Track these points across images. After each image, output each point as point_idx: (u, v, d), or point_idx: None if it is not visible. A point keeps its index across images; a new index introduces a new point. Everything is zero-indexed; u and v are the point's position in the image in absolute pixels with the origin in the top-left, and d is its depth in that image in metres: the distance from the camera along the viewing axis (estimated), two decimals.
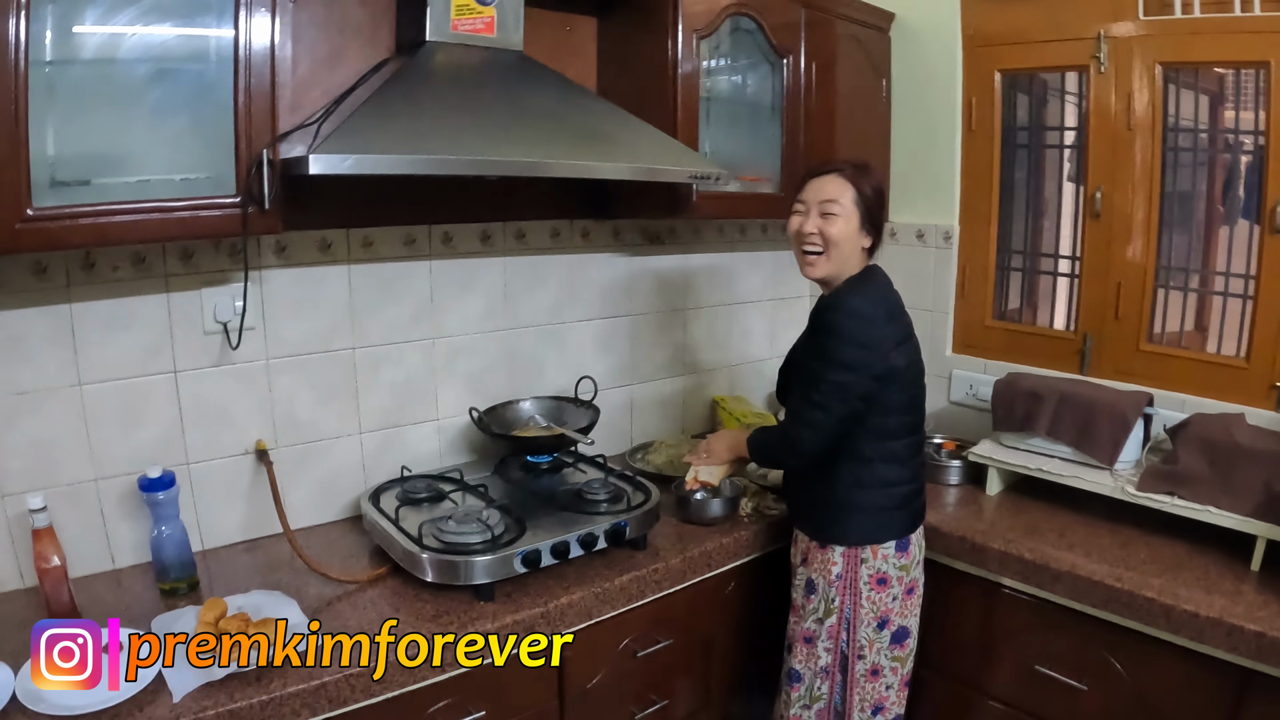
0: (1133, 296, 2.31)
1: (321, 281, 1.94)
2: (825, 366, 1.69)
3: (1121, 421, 2.10)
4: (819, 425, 1.71)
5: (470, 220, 2.15)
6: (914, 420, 1.81)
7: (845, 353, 1.68)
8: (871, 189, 1.75)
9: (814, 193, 1.76)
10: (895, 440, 1.78)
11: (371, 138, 1.54)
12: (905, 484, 1.81)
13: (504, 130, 1.73)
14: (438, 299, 2.13)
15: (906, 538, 1.81)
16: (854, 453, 1.76)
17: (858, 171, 1.76)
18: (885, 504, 1.78)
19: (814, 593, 1.83)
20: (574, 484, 2.00)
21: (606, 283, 2.45)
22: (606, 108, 1.99)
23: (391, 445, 2.11)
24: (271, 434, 1.91)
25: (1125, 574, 1.81)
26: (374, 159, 1.49)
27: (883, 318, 1.72)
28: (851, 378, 1.68)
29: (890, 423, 1.76)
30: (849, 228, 1.74)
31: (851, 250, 1.76)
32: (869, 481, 1.77)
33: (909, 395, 1.78)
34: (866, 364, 1.68)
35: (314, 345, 1.95)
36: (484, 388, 2.24)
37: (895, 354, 1.72)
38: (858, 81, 2.55)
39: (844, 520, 1.79)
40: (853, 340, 1.68)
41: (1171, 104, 2.23)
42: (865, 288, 1.74)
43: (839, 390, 1.68)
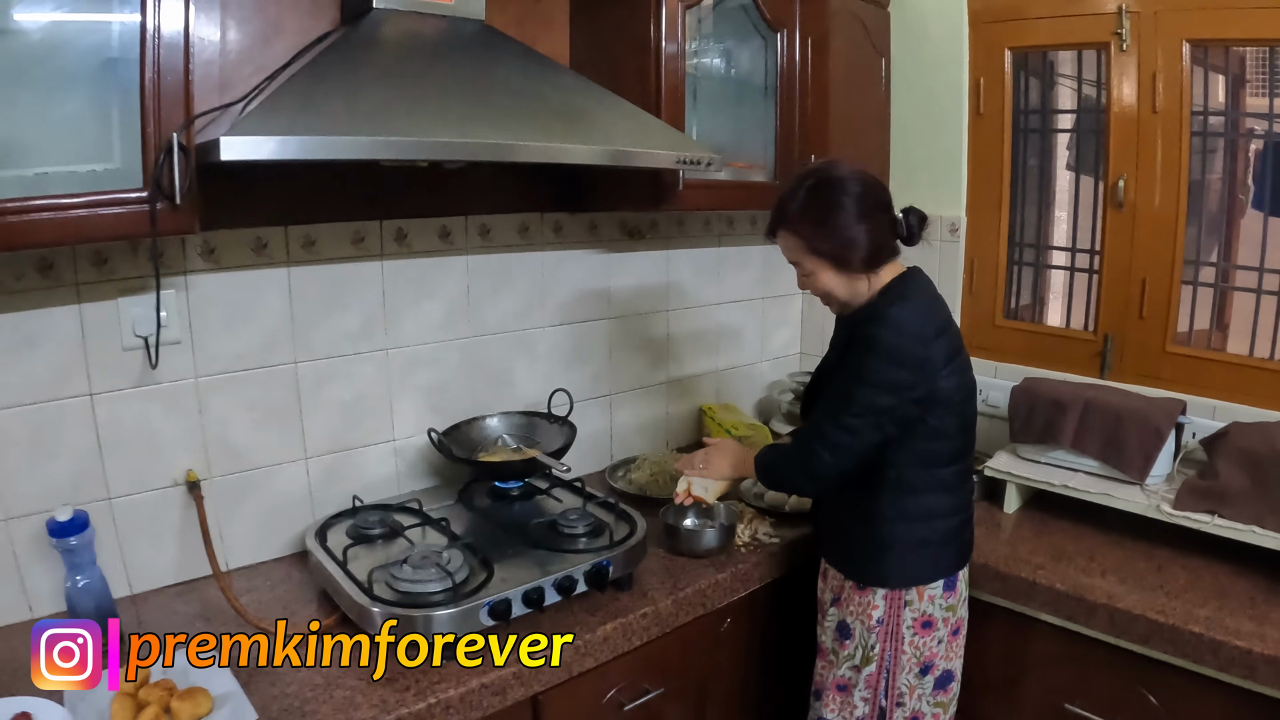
0: (1158, 294, 2.14)
1: (257, 287, 1.73)
2: (859, 385, 1.48)
3: (1154, 433, 1.94)
4: (843, 449, 1.51)
5: (427, 215, 1.93)
6: (964, 444, 1.60)
7: (885, 373, 1.47)
8: (811, 219, 1.52)
9: (781, 253, 1.61)
10: (944, 467, 1.57)
11: (298, 117, 1.30)
12: (954, 515, 1.61)
13: (462, 109, 1.50)
14: (391, 304, 1.91)
15: (954, 575, 1.62)
16: (898, 482, 1.55)
17: (780, 215, 1.55)
18: (932, 539, 1.58)
19: (849, 637, 1.62)
20: (548, 513, 1.78)
21: (582, 283, 2.25)
22: (581, 84, 1.77)
23: (342, 471, 1.90)
24: (204, 462, 1.70)
25: (1168, 605, 1.66)
26: (299, 142, 1.24)
27: (931, 333, 1.50)
28: (889, 401, 1.47)
29: (938, 448, 1.55)
30: (825, 276, 1.55)
31: (846, 286, 1.56)
32: (914, 514, 1.57)
33: (959, 418, 1.56)
34: (908, 386, 1.47)
35: (250, 360, 1.74)
36: (445, 403, 2.02)
37: (944, 375, 1.50)
38: (856, 61, 2.35)
39: (887, 559, 1.58)
40: (895, 358, 1.46)
41: (1198, 86, 2.06)
42: (909, 295, 1.53)
43: (872, 413, 1.48)
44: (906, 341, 1.46)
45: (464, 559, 1.55)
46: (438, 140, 1.41)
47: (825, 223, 1.51)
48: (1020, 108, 2.37)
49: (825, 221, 1.51)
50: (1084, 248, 2.32)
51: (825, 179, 1.52)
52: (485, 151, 1.46)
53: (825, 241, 1.51)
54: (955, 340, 1.55)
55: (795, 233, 1.54)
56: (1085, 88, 2.34)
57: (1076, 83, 2.31)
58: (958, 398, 1.53)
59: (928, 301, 1.54)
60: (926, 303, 1.53)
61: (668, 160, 1.68)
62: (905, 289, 1.54)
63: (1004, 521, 2.06)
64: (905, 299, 1.51)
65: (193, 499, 1.66)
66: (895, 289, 1.54)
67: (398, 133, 1.36)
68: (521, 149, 1.49)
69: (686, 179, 1.93)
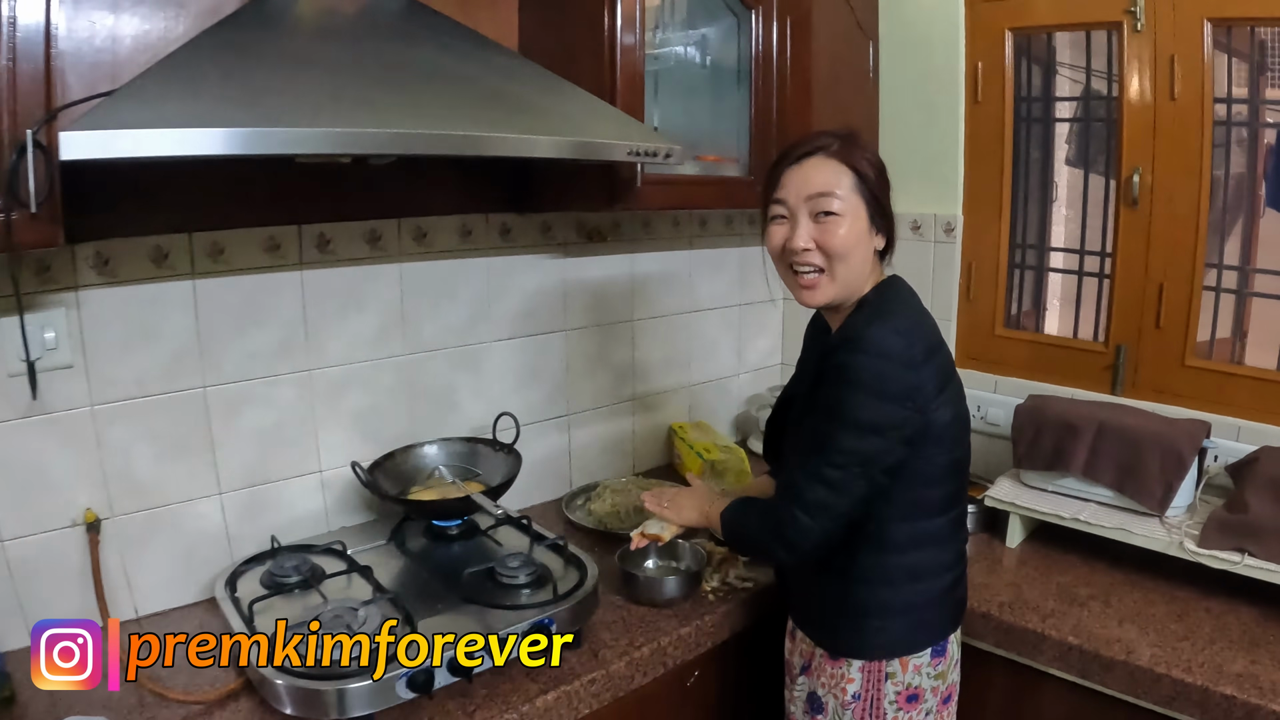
0: (1177, 301, 1.95)
1: (158, 303, 1.55)
2: (840, 428, 1.25)
3: (1176, 459, 1.75)
4: (827, 510, 1.28)
5: (353, 218, 1.74)
6: (957, 488, 1.39)
7: (869, 409, 1.24)
8: (871, 165, 1.32)
9: (796, 187, 1.32)
10: (934, 518, 1.36)
11: (169, 106, 1.09)
12: (946, 572, 1.40)
13: (382, 95, 1.29)
14: (314, 319, 1.73)
15: (945, 640, 1.41)
16: (880, 539, 1.34)
17: (847, 144, 1.32)
18: (919, 601, 1.37)
19: (821, 712, 1.42)
20: (488, 558, 1.58)
21: (534, 291, 2.05)
22: (522, 67, 1.57)
23: (262, 507, 1.72)
24: (105, 500, 1.53)
25: (1194, 659, 1.48)
26: (167, 136, 1.04)
27: (920, 356, 1.27)
28: (877, 444, 1.25)
29: (928, 496, 1.34)
30: (856, 229, 1.31)
31: (863, 260, 1.33)
32: (899, 576, 1.36)
33: (952, 456, 1.35)
34: (898, 424, 1.25)
35: (153, 385, 1.57)
36: (378, 430, 1.83)
37: (937, 405, 1.29)
38: (840, 43, 2.17)
39: (866, 629, 1.37)
40: (881, 391, 1.24)
41: (1220, 71, 1.88)
42: (893, 313, 1.30)
43: (859, 461, 1.25)
44: (892, 368, 1.24)
45: (384, 618, 1.35)
46: (349, 131, 1.19)
47: (879, 172, 1.34)
48: (1022, 95, 2.18)
49: (879, 171, 1.34)
50: (1093, 249, 2.12)
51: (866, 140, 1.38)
52: (405, 143, 1.24)
53: (877, 186, 1.33)
54: (947, 364, 1.34)
55: (846, 162, 1.31)
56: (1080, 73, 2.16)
57: (1085, 67, 2.12)
58: (951, 434, 1.33)
59: (913, 318, 1.32)
60: (912, 319, 1.32)
61: (619, 152, 1.48)
62: (884, 303, 1.33)
63: (1005, 558, 1.87)
64: (885, 315, 1.29)
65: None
66: (872, 304, 1.33)
67: (302, 122, 1.15)
68: (448, 140, 1.28)
69: (645, 174, 1.73)
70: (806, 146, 1.33)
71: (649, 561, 1.73)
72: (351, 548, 1.64)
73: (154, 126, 1.03)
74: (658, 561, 1.73)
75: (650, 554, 1.73)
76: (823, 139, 1.33)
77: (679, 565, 1.72)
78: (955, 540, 1.42)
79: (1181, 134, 1.90)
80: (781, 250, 1.35)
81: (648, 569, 1.71)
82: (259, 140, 1.10)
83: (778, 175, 1.35)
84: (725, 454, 2.14)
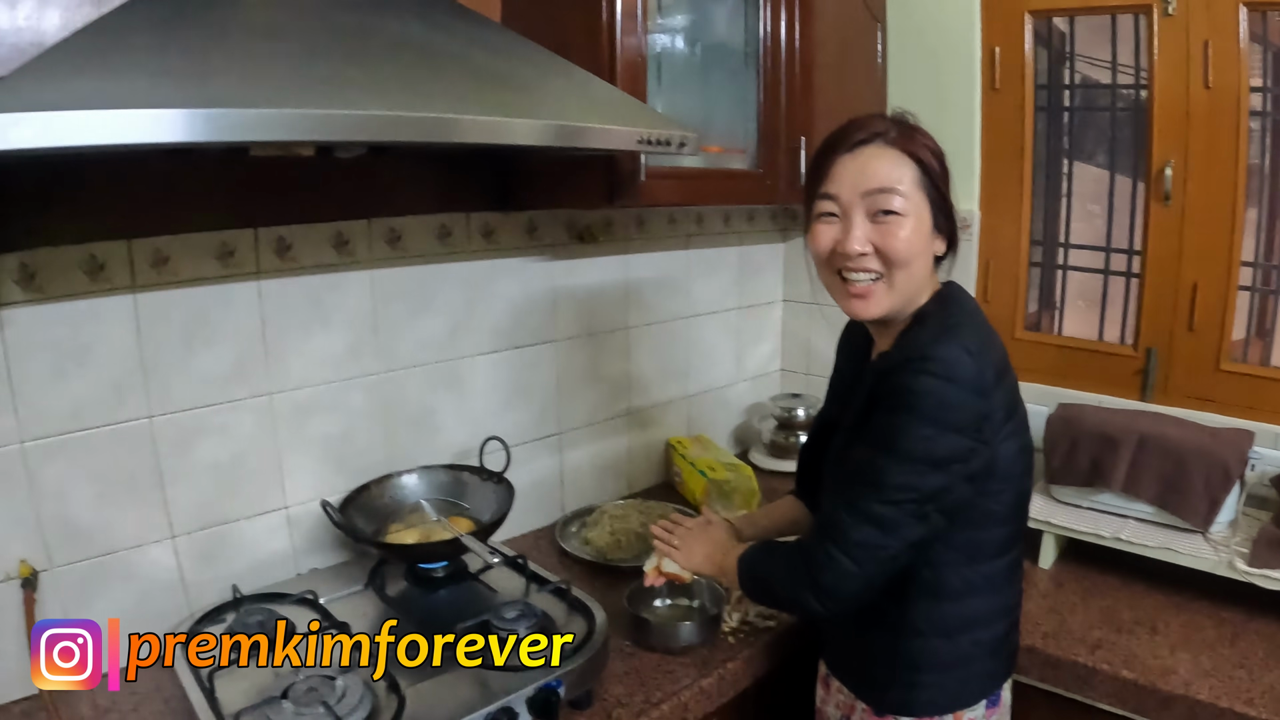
0: (1212, 301, 1.86)
1: (95, 321, 1.39)
2: (895, 459, 1.09)
3: (1221, 473, 1.66)
4: (873, 552, 1.12)
5: (317, 219, 1.57)
6: (1018, 528, 1.26)
7: (931, 441, 1.08)
8: (935, 155, 1.17)
9: (851, 180, 1.16)
10: (992, 560, 1.22)
11: (80, 85, 0.88)
12: (1001, 618, 1.27)
13: (352, 73, 1.11)
14: (274, 336, 1.56)
15: (999, 689, 1.29)
16: (933, 587, 1.20)
17: (908, 130, 1.17)
18: (976, 653, 1.24)
19: None
20: (481, 607, 1.41)
21: (520, 299, 1.90)
22: (517, 44, 1.40)
23: (222, 550, 1.55)
24: (41, 549, 1.38)
25: (1254, 689, 1.40)
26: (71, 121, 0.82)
27: (992, 380, 1.12)
28: (938, 481, 1.10)
29: (987, 537, 1.20)
30: (921, 232, 1.16)
31: (925, 268, 1.19)
32: (956, 626, 1.22)
33: (1016, 492, 1.21)
34: (963, 457, 1.10)
35: (91, 416, 1.40)
36: (350, 459, 1.67)
37: (1004, 436, 1.15)
38: (846, 27, 2.03)
39: (917, 683, 1.24)
40: (946, 420, 1.08)
41: (1256, 58, 1.80)
42: (961, 327, 1.14)
43: (914, 499, 1.10)
44: (961, 394, 1.08)
45: (364, 687, 1.18)
46: (314, 113, 0.98)
47: (944, 165, 1.19)
48: (1057, 81, 2.08)
49: (944, 164, 1.19)
50: (1120, 247, 2.02)
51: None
52: (376, 129, 1.04)
53: (942, 182, 1.18)
54: (1015, 388, 1.20)
55: (910, 153, 1.15)
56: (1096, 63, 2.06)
57: (1111, 55, 2.00)
58: (1017, 468, 1.19)
59: (983, 335, 1.17)
60: (982, 337, 1.16)
61: (625, 139, 1.31)
62: (949, 315, 1.17)
63: (1040, 580, 1.76)
64: (954, 332, 1.12)
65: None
66: (934, 316, 1.17)
67: (256, 103, 0.95)
68: (431, 124, 1.08)
69: (649, 166, 1.58)
70: (862, 132, 1.16)
71: (659, 600, 1.58)
72: (325, 596, 1.48)
73: (63, 109, 0.82)
74: (669, 601, 1.58)
75: (661, 592, 1.58)
76: (879, 123, 1.17)
77: (693, 603, 1.57)
78: (1013, 583, 1.29)
79: (1216, 125, 1.80)
80: (830, 254, 1.19)
81: (658, 609, 1.56)
82: (202, 125, 0.89)
83: (827, 165, 1.18)
84: (731, 473, 2.00)
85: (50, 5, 1.16)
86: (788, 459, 2.30)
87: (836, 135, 1.19)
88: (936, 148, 1.18)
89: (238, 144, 1.06)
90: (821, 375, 2.46)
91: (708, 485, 1.96)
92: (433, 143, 1.14)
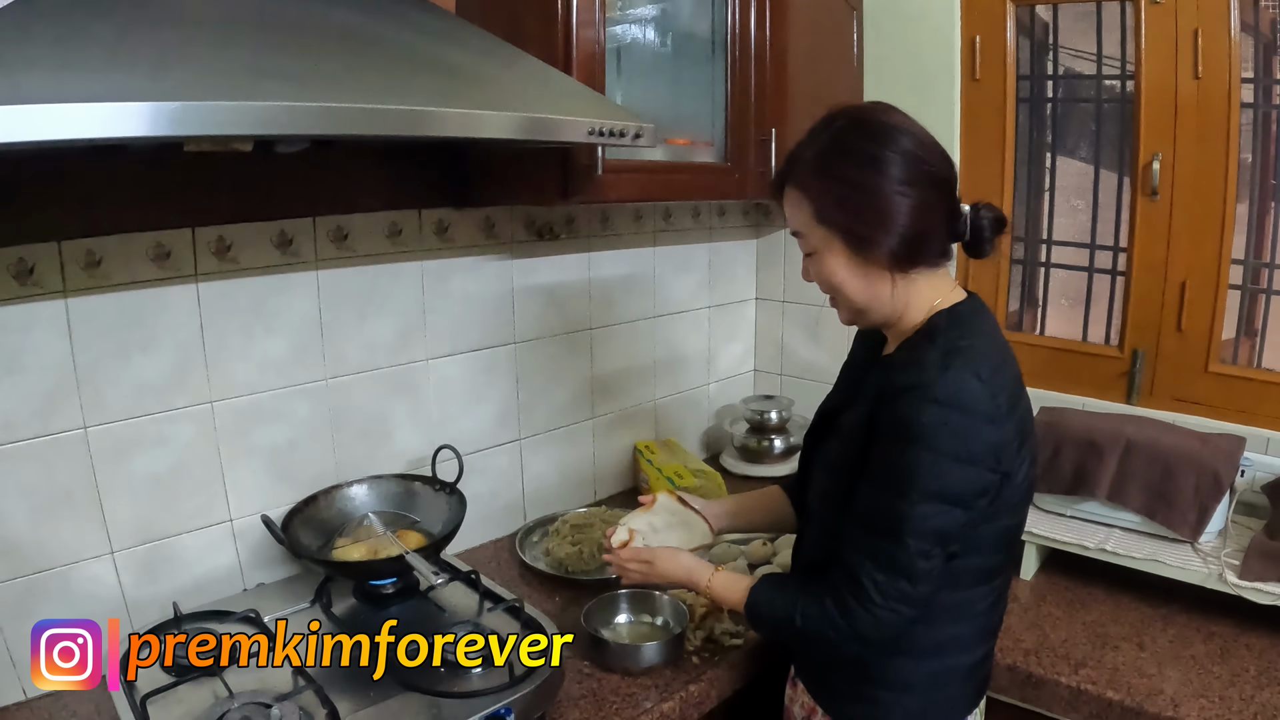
0: (1202, 301, 1.84)
1: (24, 328, 1.35)
2: (914, 502, 1.06)
3: (1212, 481, 1.63)
4: (909, 600, 1.11)
5: (258, 217, 1.53)
6: (1009, 556, 1.24)
7: (950, 477, 1.06)
8: (830, 181, 1.12)
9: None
10: (977, 587, 1.20)
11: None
12: (980, 644, 1.25)
13: (292, 62, 1.07)
14: (214, 341, 1.52)
15: (968, 716, 1.27)
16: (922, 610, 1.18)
17: (796, 158, 1.16)
18: (945, 678, 1.23)
19: None
20: (431, 627, 1.36)
21: (477, 299, 1.86)
22: (466, 32, 1.37)
23: (164, 565, 1.52)
24: None
25: (1245, 711, 1.37)
26: None
27: (1006, 406, 1.09)
28: (959, 517, 1.08)
29: (977, 564, 1.17)
30: (831, 265, 1.15)
31: (867, 290, 1.15)
32: (925, 648, 1.20)
33: (1013, 523, 1.19)
34: (981, 490, 1.08)
35: (22, 428, 1.37)
36: (296, 468, 1.63)
37: (1017, 463, 1.12)
38: (821, 14, 2.01)
39: (877, 700, 1.22)
40: (958, 454, 1.05)
41: (1247, 48, 1.77)
42: (973, 351, 1.10)
43: (937, 540, 1.08)
44: (974, 424, 1.05)
45: (300, 713, 1.14)
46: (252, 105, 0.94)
47: (848, 180, 1.11)
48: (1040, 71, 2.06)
49: (848, 179, 1.11)
50: (1104, 244, 1.99)
51: (864, 121, 1.13)
52: (310, 120, 1.00)
53: (841, 208, 1.11)
54: (1027, 416, 1.17)
55: (803, 190, 1.14)
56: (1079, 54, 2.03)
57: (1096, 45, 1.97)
58: (1018, 498, 1.17)
59: (996, 358, 1.13)
60: (995, 361, 1.12)
61: (575, 131, 1.27)
62: (965, 334, 1.12)
63: (1022, 592, 1.73)
64: (967, 354, 1.09)
65: None
66: (943, 333, 1.12)
67: (188, 94, 0.90)
68: (375, 116, 1.05)
69: (607, 159, 1.54)
70: (778, 173, 1.20)
71: (621, 616, 1.54)
72: (270, 613, 1.45)
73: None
74: (631, 617, 1.54)
75: (621, 609, 1.54)
76: (795, 154, 1.17)
77: (656, 620, 1.53)
78: (996, 609, 1.26)
79: (1206, 117, 1.78)
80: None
81: (620, 627, 1.52)
82: (133, 120, 0.86)
83: None
84: (700, 479, 1.97)
85: None
86: (759, 463, 2.28)
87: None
88: (826, 158, 1.13)
89: (170, 139, 1.00)
90: (795, 376, 2.44)
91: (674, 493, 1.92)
92: (370, 135, 1.10)
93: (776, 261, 2.44)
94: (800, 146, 1.16)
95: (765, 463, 2.27)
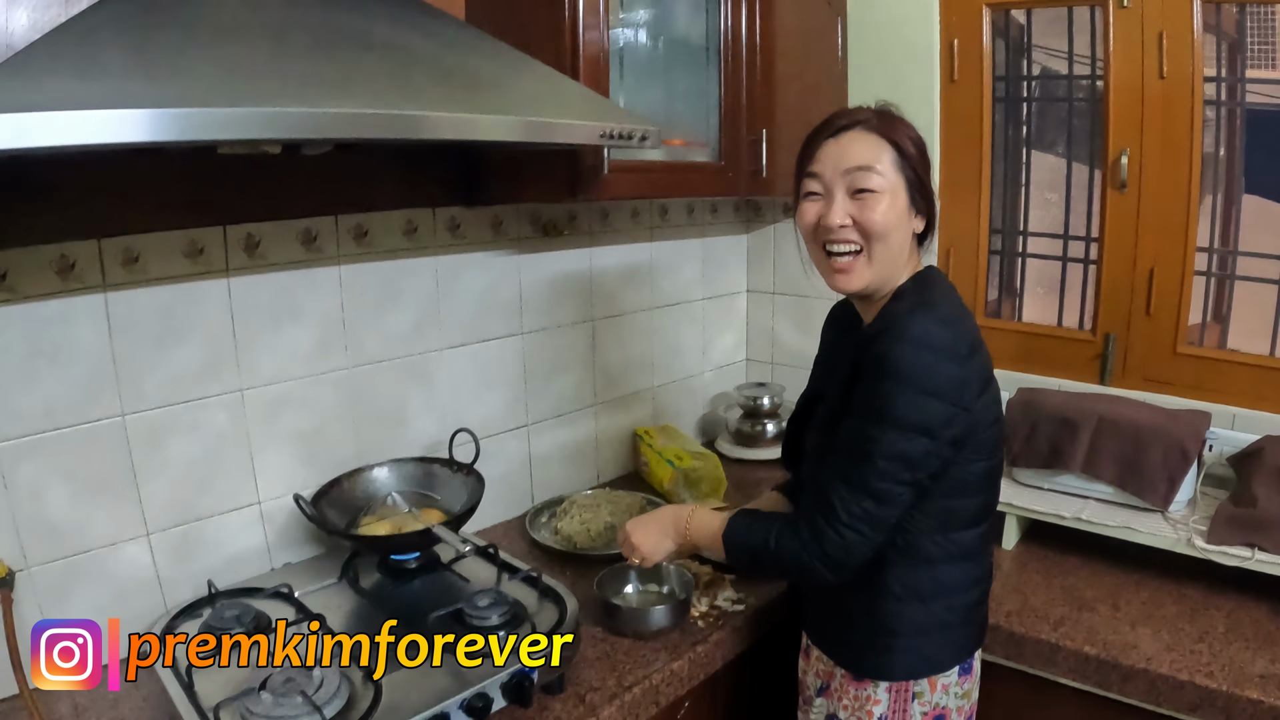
0: (1168, 287, 1.93)
1: (66, 321, 1.39)
2: (884, 429, 1.18)
3: (1179, 453, 1.73)
4: (876, 523, 1.21)
5: (284, 216, 1.59)
6: (991, 499, 1.34)
7: (916, 407, 1.16)
8: (913, 141, 1.26)
9: (833, 160, 1.26)
10: (966, 530, 1.30)
11: (52, 86, 0.91)
12: (974, 587, 1.35)
13: (317, 70, 1.15)
14: (244, 333, 1.58)
15: (971, 657, 1.36)
16: (909, 551, 1.27)
17: (887, 118, 1.27)
18: (950, 619, 1.31)
19: None
20: (454, 596, 1.45)
21: (486, 292, 1.93)
22: (480, 40, 1.44)
23: (197, 546, 1.57)
24: (17, 547, 1.38)
25: (1214, 663, 1.46)
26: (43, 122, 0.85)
27: (965, 349, 1.21)
28: (925, 447, 1.18)
29: (961, 506, 1.28)
30: (897, 208, 1.24)
31: (902, 243, 1.27)
32: (930, 590, 1.29)
33: (989, 464, 1.29)
34: (945, 421, 1.18)
35: (63, 416, 1.41)
36: (321, 453, 1.70)
37: (980, 405, 1.23)
38: (807, 20, 2.09)
39: (894, 647, 1.31)
40: (924, 386, 1.16)
41: (1210, 48, 1.87)
42: (936, 303, 1.24)
43: (906, 467, 1.18)
44: (938, 361, 1.17)
45: (340, 677, 1.21)
46: (282, 111, 1.02)
47: (923, 150, 1.28)
48: (1016, 73, 2.15)
49: (924, 148, 1.29)
50: (1077, 234, 2.09)
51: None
52: (335, 125, 1.07)
53: (919, 165, 1.27)
54: (988, 364, 1.28)
55: (888, 136, 1.25)
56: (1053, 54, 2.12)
57: (1068, 46, 2.07)
58: (990, 439, 1.27)
59: (955, 308, 1.26)
60: (955, 310, 1.26)
61: (587, 134, 1.36)
62: (925, 292, 1.26)
63: (1004, 561, 1.82)
64: (928, 305, 1.22)
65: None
66: (911, 293, 1.27)
67: (223, 101, 0.99)
68: (397, 120, 1.13)
69: (612, 160, 1.63)
70: (844, 119, 1.27)
71: (629, 586, 1.63)
72: (299, 589, 1.51)
73: (34, 110, 0.85)
74: (639, 586, 1.63)
75: (630, 579, 1.63)
76: (860, 112, 1.28)
77: (663, 589, 1.62)
78: (985, 554, 1.36)
79: (1171, 113, 1.87)
80: (815, 228, 1.28)
81: (629, 596, 1.61)
82: (171, 124, 0.94)
83: (813, 149, 1.29)
84: (698, 461, 2.05)
85: (18, 6, 1.18)
86: (754, 447, 2.36)
87: (823, 122, 1.30)
88: (916, 136, 1.28)
89: (205, 143, 1.09)
90: (786, 364, 2.52)
91: (675, 474, 2.01)
92: (398, 139, 1.18)
93: (767, 255, 2.52)
94: (873, 110, 1.29)
95: (759, 446, 2.36)
